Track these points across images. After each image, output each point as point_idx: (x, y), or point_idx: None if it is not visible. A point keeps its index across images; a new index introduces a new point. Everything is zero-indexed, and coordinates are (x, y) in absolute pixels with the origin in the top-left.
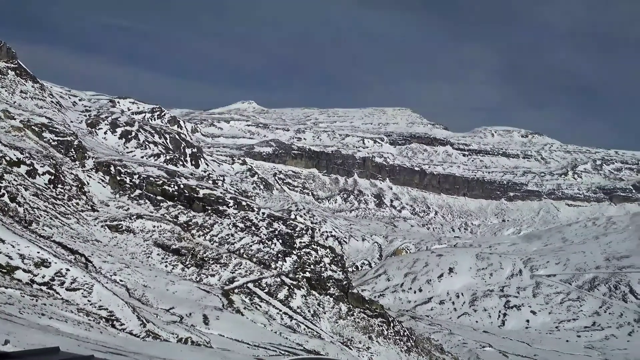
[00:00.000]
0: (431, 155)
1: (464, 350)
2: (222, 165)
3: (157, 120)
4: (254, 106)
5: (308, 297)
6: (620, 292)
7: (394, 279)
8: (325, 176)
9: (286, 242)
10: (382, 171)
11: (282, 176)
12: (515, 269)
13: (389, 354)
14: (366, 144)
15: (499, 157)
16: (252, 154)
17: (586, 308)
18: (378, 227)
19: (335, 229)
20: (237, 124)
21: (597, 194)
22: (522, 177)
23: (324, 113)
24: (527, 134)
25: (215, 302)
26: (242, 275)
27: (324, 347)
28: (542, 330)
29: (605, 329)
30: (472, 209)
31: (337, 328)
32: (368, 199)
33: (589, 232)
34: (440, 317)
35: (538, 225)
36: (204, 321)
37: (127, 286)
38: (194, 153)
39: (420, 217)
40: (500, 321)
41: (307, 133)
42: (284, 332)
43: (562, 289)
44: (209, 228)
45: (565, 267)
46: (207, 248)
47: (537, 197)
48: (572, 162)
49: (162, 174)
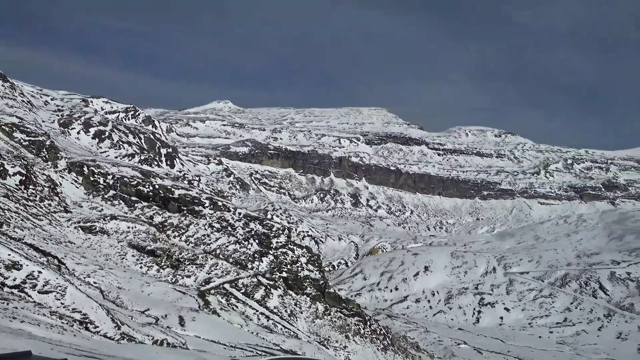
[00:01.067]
0: (407, 155)
1: (439, 347)
2: (198, 166)
3: (131, 120)
4: (230, 106)
5: (285, 297)
6: (590, 288)
7: (371, 278)
8: (302, 176)
9: (263, 242)
10: (358, 171)
11: (258, 176)
12: (489, 266)
13: (365, 352)
14: (342, 143)
15: (473, 157)
16: (228, 153)
17: (558, 304)
18: (354, 226)
19: (311, 228)
20: (213, 124)
21: (568, 193)
22: (496, 176)
23: (300, 113)
24: (500, 134)
25: (191, 303)
26: (219, 276)
27: (301, 346)
28: (516, 327)
29: (576, 325)
30: (447, 207)
31: (314, 328)
32: (344, 198)
33: (561, 230)
34: (416, 316)
35: (511, 223)
36: (180, 322)
37: (101, 288)
38: (169, 153)
39: (396, 217)
40: (475, 318)
41: (283, 133)
42: (260, 332)
43: (534, 286)
44: (185, 229)
45: (538, 265)
46: (182, 249)
47: (510, 196)
48: (544, 161)
49: (136, 175)
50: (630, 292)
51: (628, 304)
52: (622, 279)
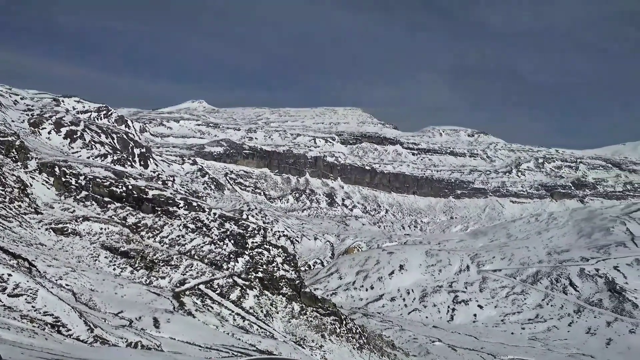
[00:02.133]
0: (381, 155)
1: (414, 345)
2: (172, 166)
3: (103, 120)
4: (204, 105)
5: (260, 297)
6: (561, 285)
7: (346, 277)
8: (277, 176)
9: (238, 242)
10: (334, 170)
11: (233, 176)
12: (463, 264)
13: (341, 351)
14: (318, 143)
15: (446, 156)
16: (202, 153)
17: (530, 301)
18: (330, 226)
19: (287, 228)
20: (187, 124)
21: (539, 191)
22: (469, 175)
23: (275, 113)
24: (473, 133)
25: (166, 305)
26: (194, 277)
27: (277, 347)
28: (489, 324)
29: (548, 321)
30: (422, 206)
31: (290, 327)
32: (320, 198)
33: (532, 227)
34: (392, 314)
35: (484, 221)
36: (155, 324)
37: (74, 290)
38: (143, 153)
39: (372, 216)
40: (449, 316)
41: (258, 133)
42: (236, 333)
43: (507, 283)
44: (159, 229)
45: (510, 262)
46: (157, 250)
47: (483, 195)
48: (515, 160)
49: (109, 175)
50: (599, 288)
51: (597, 300)
52: (591, 275)
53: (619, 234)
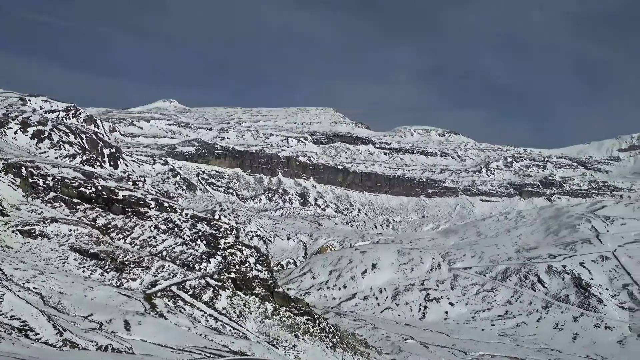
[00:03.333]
0: (354, 154)
1: (387, 343)
2: (143, 166)
3: (72, 120)
4: (175, 105)
5: (233, 298)
6: (529, 281)
7: (319, 277)
8: (250, 176)
9: (210, 242)
10: (306, 170)
11: (205, 176)
12: (435, 263)
13: (315, 351)
14: (290, 143)
15: (418, 156)
16: (174, 153)
17: (499, 298)
18: (303, 225)
19: (260, 228)
20: (158, 123)
21: (508, 190)
22: (440, 174)
23: (248, 112)
24: (444, 133)
25: (137, 307)
26: (165, 278)
27: (250, 347)
28: (460, 321)
29: (517, 317)
30: (394, 206)
31: (263, 328)
32: (292, 197)
33: (501, 225)
34: (365, 313)
35: (455, 220)
36: (125, 327)
37: (42, 294)
38: (113, 153)
39: (344, 215)
40: (421, 314)
41: (230, 132)
42: (209, 334)
43: (477, 281)
44: (130, 231)
45: (480, 260)
46: (127, 251)
47: (453, 194)
48: (485, 159)
49: (78, 176)
50: (566, 284)
51: (564, 296)
52: (559, 272)
53: (585, 231)
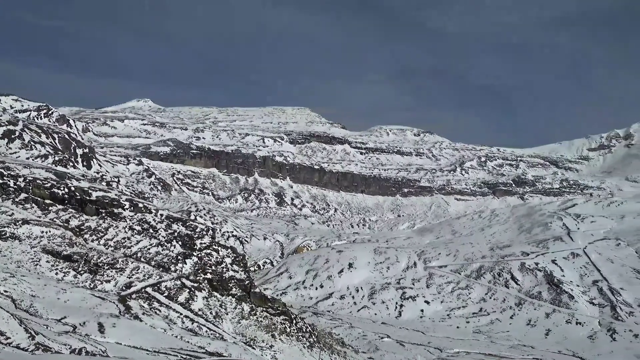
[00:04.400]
0: (330, 154)
1: (364, 342)
2: (117, 166)
3: (44, 119)
4: (150, 104)
5: (210, 299)
6: (503, 279)
7: (296, 277)
8: (226, 176)
9: (186, 243)
10: (283, 170)
11: (180, 176)
12: (410, 261)
13: (292, 350)
14: (266, 143)
15: (393, 155)
16: (148, 153)
17: (474, 295)
18: (279, 225)
19: (236, 228)
20: (132, 123)
21: (482, 189)
22: (415, 174)
23: (223, 112)
24: (419, 133)
25: (112, 309)
26: (140, 280)
27: (227, 348)
28: (435, 319)
29: (491, 314)
30: (370, 205)
31: (240, 328)
32: (269, 197)
33: (476, 224)
34: (341, 312)
35: (430, 219)
36: (100, 329)
37: (13, 297)
38: (86, 153)
39: (321, 215)
40: (397, 312)
41: (206, 132)
42: (185, 335)
43: (452, 279)
44: (104, 232)
45: (455, 258)
46: (101, 253)
47: (429, 193)
48: (459, 159)
49: (50, 176)
50: (539, 281)
51: (536, 293)
52: (531, 269)
53: (557, 228)
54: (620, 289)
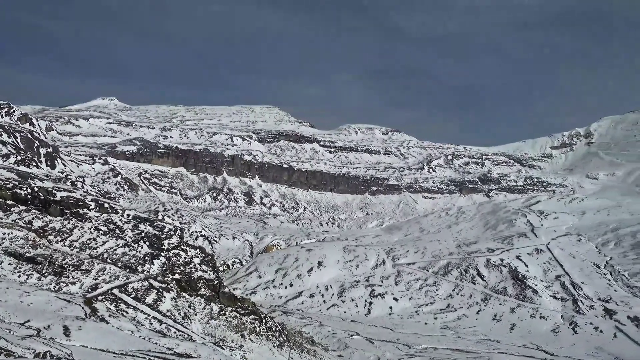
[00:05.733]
0: (299, 153)
1: (333, 340)
2: (82, 166)
3: (5, 118)
4: (116, 103)
5: (178, 300)
6: (469, 275)
7: (265, 276)
8: (194, 175)
9: (153, 244)
10: (251, 169)
11: (147, 176)
12: (379, 259)
13: (261, 350)
14: (235, 141)
15: (362, 154)
16: (114, 153)
17: (441, 292)
18: (248, 224)
19: (205, 228)
20: (98, 122)
21: (449, 187)
22: (384, 172)
23: (191, 110)
24: (387, 132)
25: (77, 312)
26: (106, 281)
27: (196, 349)
28: (404, 316)
29: (458, 310)
30: (339, 203)
31: (209, 329)
32: (238, 197)
33: (443, 221)
34: (311, 310)
35: (398, 217)
36: (65, 333)
37: None
38: (49, 153)
39: (290, 214)
40: (367, 310)
41: (173, 131)
42: (153, 337)
43: (420, 276)
44: (68, 233)
45: (423, 255)
46: (66, 254)
47: (397, 191)
48: (427, 157)
49: (12, 177)
50: (504, 276)
51: (502, 288)
52: (497, 265)
53: (521, 225)
54: (581, 284)
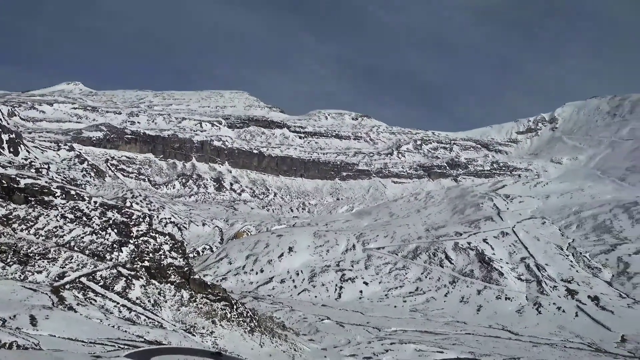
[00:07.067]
0: (269, 138)
1: (304, 324)
2: (47, 152)
3: None
4: (81, 88)
5: (148, 287)
6: (438, 258)
7: (236, 262)
8: (162, 161)
9: (122, 231)
10: (221, 155)
11: (115, 162)
12: (349, 244)
13: (232, 336)
14: (204, 127)
15: (332, 139)
16: (80, 139)
17: (410, 275)
18: (218, 211)
19: (174, 215)
20: (62, 107)
21: (417, 171)
22: (354, 157)
23: (159, 96)
24: (357, 117)
25: (44, 301)
26: (74, 270)
27: (167, 336)
28: (374, 299)
29: (427, 293)
30: (309, 189)
31: (180, 315)
32: (207, 183)
33: (412, 206)
34: (282, 296)
35: (368, 202)
36: (32, 322)
37: None
38: (12, 139)
39: (260, 199)
40: (337, 294)
41: (141, 116)
42: (122, 325)
43: (390, 260)
44: (34, 221)
45: (393, 240)
46: (31, 243)
47: (367, 176)
48: (396, 142)
49: None
50: (471, 259)
51: (469, 271)
52: (464, 248)
53: (487, 209)
54: (545, 265)
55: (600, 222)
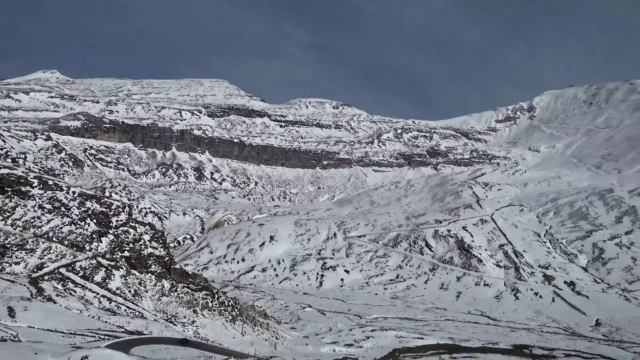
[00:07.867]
0: (250, 127)
1: (286, 313)
2: (23, 142)
3: None
4: (58, 76)
5: (128, 277)
6: (418, 246)
7: (217, 251)
8: (142, 150)
9: (101, 221)
10: (201, 144)
11: (93, 152)
12: (331, 232)
13: (214, 325)
14: (184, 116)
15: (313, 128)
16: (57, 128)
17: (391, 263)
18: (199, 200)
19: (154, 204)
20: (39, 96)
21: (398, 160)
22: (335, 146)
23: (138, 84)
24: (338, 106)
25: (22, 292)
26: (53, 260)
27: (147, 326)
28: (355, 287)
29: (407, 280)
30: (290, 178)
31: (161, 305)
32: (188, 172)
33: (392, 194)
34: (263, 284)
35: (349, 190)
36: (10, 314)
37: None
38: None
39: (241, 189)
40: (318, 282)
41: (119, 105)
42: (102, 315)
43: (371, 248)
44: (10, 211)
45: (374, 228)
46: (8, 234)
47: (347, 165)
48: (377, 131)
49: None
50: (450, 247)
51: (449, 258)
52: (444, 236)
53: (467, 197)
54: (523, 252)
55: (576, 209)
